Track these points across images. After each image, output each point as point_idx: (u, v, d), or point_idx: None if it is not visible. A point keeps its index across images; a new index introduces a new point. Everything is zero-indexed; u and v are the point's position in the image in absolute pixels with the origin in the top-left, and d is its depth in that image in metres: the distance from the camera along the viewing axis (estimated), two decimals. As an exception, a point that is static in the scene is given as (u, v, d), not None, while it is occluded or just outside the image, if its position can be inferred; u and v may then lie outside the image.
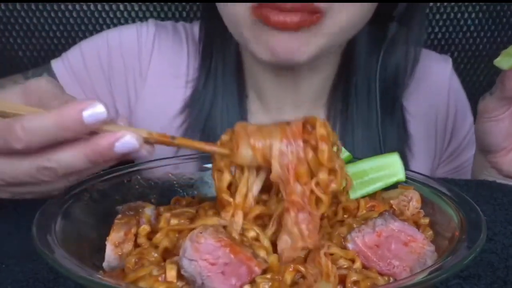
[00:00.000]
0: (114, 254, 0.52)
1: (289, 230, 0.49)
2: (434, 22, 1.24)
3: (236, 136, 0.51)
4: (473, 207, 0.52)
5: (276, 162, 0.49)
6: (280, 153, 0.49)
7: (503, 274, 0.54)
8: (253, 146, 0.50)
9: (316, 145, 0.50)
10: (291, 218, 0.49)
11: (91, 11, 1.17)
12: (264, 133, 0.50)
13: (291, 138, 0.49)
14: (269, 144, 0.49)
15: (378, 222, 0.49)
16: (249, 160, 0.50)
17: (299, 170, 0.49)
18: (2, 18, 1.14)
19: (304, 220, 0.49)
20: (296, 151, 0.49)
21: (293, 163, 0.49)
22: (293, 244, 0.49)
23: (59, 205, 0.53)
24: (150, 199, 0.63)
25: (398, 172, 0.62)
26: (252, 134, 0.50)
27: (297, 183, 0.49)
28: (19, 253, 0.59)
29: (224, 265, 0.44)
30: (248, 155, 0.50)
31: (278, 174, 0.49)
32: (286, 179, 0.49)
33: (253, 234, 0.50)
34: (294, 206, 0.49)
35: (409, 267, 0.47)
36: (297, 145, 0.49)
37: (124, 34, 0.97)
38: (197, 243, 0.44)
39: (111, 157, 0.49)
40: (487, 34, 1.28)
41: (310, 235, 0.49)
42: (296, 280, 0.45)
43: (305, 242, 0.49)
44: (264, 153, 0.50)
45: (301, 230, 0.49)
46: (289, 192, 0.49)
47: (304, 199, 0.49)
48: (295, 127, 0.50)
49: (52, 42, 1.18)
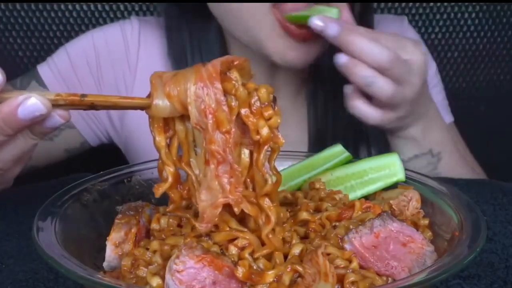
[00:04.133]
0: (114, 254, 0.52)
1: (209, 184, 0.46)
2: (434, 22, 1.24)
3: (151, 88, 0.47)
4: (473, 207, 0.52)
5: (193, 107, 0.46)
6: (196, 97, 0.46)
7: (503, 274, 0.54)
8: (168, 94, 0.46)
9: (234, 89, 0.46)
10: (210, 171, 0.46)
11: (91, 11, 1.17)
12: (179, 78, 0.47)
13: (206, 80, 0.46)
14: (184, 89, 0.46)
15: (376, 223, 0.49)
16: (168, 111, 0.47)
17: (218, 116, 0.46)
18: (2, 18, 1.14)
19: (226, 172, 0.46)
20: (213, 94, 0.46)
21: (211, 107, 0.46)
22: (213, 200, 0.46)
23: (59, 205, 0.53)
24: (150, 199, 0.63)
25: (398, 172, 0.62)
26: (167, 82, 0.47)
27: (217, 131, 0.46)
28: (19, 253, 0.59)
29: (213, 284, 0.43)
30: (165, 105, 0.47)
31: (197, 119, 0.46)
32: (206, 126, 0.46)
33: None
34: (213, 158, 0.46)
35: (408, 267, 0.47)
36: (215, 87, 0.46)
37: (109, 33, 0.97)
38: (178, 273, 0.43)
39: (17, 124, 0.48)
40: (487, 34, 1.29)
41: (232, 189, 0.46)
42: (294, 279, 0.45)
43: (227, 197, 0.46)
44: (180, 100, 0.46)
45: (222, 184, 0.46)
46: (208, 140, 0.46)
47: (225, 149, 0.46)
48: (211, 67, 0.46)
49: (52, 42, 1.18)
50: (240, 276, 0.43)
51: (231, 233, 0.49)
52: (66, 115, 0.50)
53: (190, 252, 0.44)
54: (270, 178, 0.49)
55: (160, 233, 0.53)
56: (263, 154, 0.48)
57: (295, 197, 0.60)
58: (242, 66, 0.48)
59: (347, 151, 0.67)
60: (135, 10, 1.19)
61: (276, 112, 0.48)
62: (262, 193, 0.49)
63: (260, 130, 0.47)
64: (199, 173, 0.49)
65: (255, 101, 0.47)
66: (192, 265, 0.43)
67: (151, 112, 0.48)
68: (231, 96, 0.47)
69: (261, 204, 0.49)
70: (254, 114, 0.47)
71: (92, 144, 1.00)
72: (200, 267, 0.43)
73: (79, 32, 1.17)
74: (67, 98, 0.47)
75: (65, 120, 0.50)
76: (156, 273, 0.46)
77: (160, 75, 0.48)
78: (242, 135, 0.48)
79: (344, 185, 0.63)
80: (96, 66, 0.95)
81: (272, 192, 0.49)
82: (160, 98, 0.47)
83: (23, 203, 0.71)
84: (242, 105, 0.47)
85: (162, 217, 0.54)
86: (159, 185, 0.50)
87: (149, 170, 0.65)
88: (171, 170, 0.49)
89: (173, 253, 0.45)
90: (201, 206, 0.47)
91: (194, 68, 0.47)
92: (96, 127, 0.98)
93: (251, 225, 0.50)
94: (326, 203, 0.56)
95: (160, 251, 0.49)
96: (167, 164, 0.49)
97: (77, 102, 0.47)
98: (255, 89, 0.48)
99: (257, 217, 0.49)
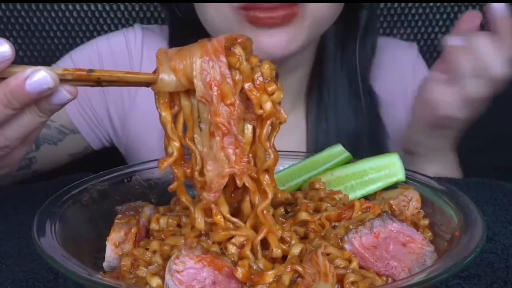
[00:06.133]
0: (114, 254, 0.52)
1: (215, 155, 0.47)
2: (434, 22, 1.24)
3: (157, 63, 0.48)
4: (473, 207, 0.52)
5: (199, 80, 0.47)
6: (201, 70, 0.47)
7: (503, 274, 0.54)
8: (174, 68, 0.47)
9: (238, 63, 0.47)
10: (216, 143, 0.47)
11: (91, 11, 1.17)
12: (185, 53, 0.48)
13: (212, 54, 0.47)
14: (190, 63, 0.47)
15: (376, 223, 0.49)
16: (174, 85, 0.48)
17: (223, 89, 0.47)
18: (2, 18, 1.14)
19: (231, 144, 0.47)
20: (218, 67, 0.47)
21: (216, 80, 0.47)
22: (220, 170, 0.47)
23: (59, 205, 0.53)
24: (150, 199, 0.63)
25: (398, 172, 0.62)
26: (173, 57, 0.48)
27: (221, 103, 0.47)
28: (19, 253, 0.59)
29: (213, 284, 0.43)
30: (171, 79, 0.48)
31: (202, 92, 0.47)
32: (211, 99, 0.47)
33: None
34: (219, 129, 0.47)
35: (408, 267, 0.47)
36: (220, 61, 0.47)
37: (113, 41, 0.98)
38: (178, 273, 0.43)
39: (25, 98, 0.48)
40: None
41: (237, 160, 0.47)
42: (294, 279, 0.45)
43: (232, 168, 0.47)
44: (186, 73, 0.47)
45: (227, 155, 0.47)
46: (213, 112, 0.47)
47: (230, 121, 0.47)
48: (217, 42, 0.47)
49: (52, 42, 1.18)
50: (239, 276, 0.43)
51: (228, 233, 0.49)
52: (73, 90, 0.50)
53: (190, 252, 0.44)
54: (272, 153, 0.50)
55: (160, 233, 0.53)
56: (265, 129, 0.49)
57: (294, 198, 0.60)
58: (245, 45, 0.49)
59: (347, 151, 0.67)
60: (136, 10, 1.19)
61: (278, 88, 0.49)
62: (263, 168, 0.50)
63: (263, 105, 0.49)
64: (202, 148, 0.50)
65: (258, 76, 0.49)
66: (192, 265, 0.43)
67: (157, 87, 0.48)
68: (235, 70, 0.48)
69: (261, 179, 0.50)
70: (257, 89, 0.49)
71: (95, 148, 1.01)
72: (200, 267, 0.43)
73: (79, 32, 1.17)
74: (75, 73, 0.48)
75: (72, 96, 0.50)
76: (156, 273, 0.46)
77: (166, 51, 0.49)
78: (245, 110, 0.49)
79: (344, 185, 0.63)
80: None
81: (271, 168, 0.50)
82: (166, 73, 0.48)
83: (23, 203, 0.71)
84: (245, 79, 0.48)
85: (161, 217, 0.54)
86: (164, 159, 0.50)
87: (149, 170, 0.65)
88: (176, 145, 0.50)
89: (172, 253, 0.45)
90: (208, 176, 0.48)
91: (200, 43, 0.48)
92: (99, 131, 0.99)
93: (245, 208, 0.51)
94: (325, 203, 0.56)
95: (160, 251, 0.49)
96: (173, 139, 0.50)
97: (84, 77, 0.48)
98: (258, 64, 0.49)
99: (255, 193, 0.50)
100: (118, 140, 1.01)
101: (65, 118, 0.95)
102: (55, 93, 0.49)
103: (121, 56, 0.97)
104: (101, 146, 1.02)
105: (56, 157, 0.96)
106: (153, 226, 0.54)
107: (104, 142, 1.01)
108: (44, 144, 0.93)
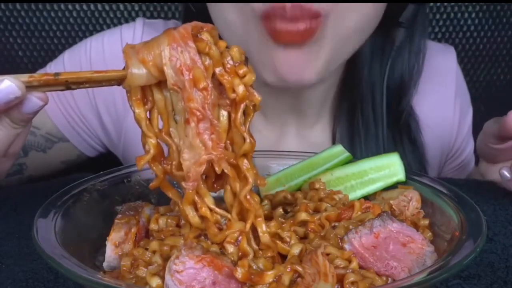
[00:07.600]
0: (114, 254, 0.52)
1: (191, 143, 0.46)
2: (434, 22, 1.24)
3: (125, 58, 0.47)
4: (473, 207, 0.52)
5: (169, 67, 0.46)
6: (171, 57, 0.46)
7: (503, 274, 0.54)
8: (143, 60, 0.46)
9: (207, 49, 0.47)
10: (191, 129, 0.46)
11: (91, 11, 1.17)
12: (152, 44, 0.47)
13: (180, 40, 0.46)
14: (159, 53, 0.46)
15: (376, 223, 0.49)
16: (145, 78, 0.47)
17: (195, 73, 0.46)
18: (2, 18, 1.14)
19: (206, 129, 0.46)
20: (188, 52, 0.46)
21: (187, 65, 0.46)
22: (197, 158, 0.46)
23: (59, 205, 0.53)
24: (150, 199, 0.63)
25: (398, 172, 0.62)
26: (140, 49, 0.47)
27: (194, 88, 0.46)
28: (19, 253, 0.59)
29: (213, 284, 0.43)
30: (142, 72, 0.47)
31: (174, 80, 0.46)
32: (183, 85, 0.46)
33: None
34: (193, 115, 0.46)
35: (408, 267, 0.47)
36: (188, 46, 0.46)
37: (107, 40, 0.93)
38: (178, 273, 0.43)
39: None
40: (487, 34, 1.29)
41: (214, 146, 0.47)
42: (294, 279, 0.45)
43: (210, 154, 0.46)
44: (156, 64, 0.46)
45: (204, 141, 0.46)
46: (187, 98, 0.46)
47: (204, 105, 0.46)
48: (183, 29, 0.47)
49: (52, 42, 1.18)
50: (239, 277, 0.43)
51: (223, 235, 0.48)
52: (43, 96, 0.48)
53: (190, 252, 0.44)
54: (248, 138, 0.49)
55: (159, 233, 0.53)
56: (240, 113, 0.48)
57: (294, 198, 0.60)
58: (212, 34, 0.48)
59: (347, 151, 0.67)
60: (135, 10, 1.19)
61: (249, 70, 0.49)
62: (241, 153, 0.49)
63: (235, 88, 0.48)
64: (179, 141, 0.49)
65: (228, 60, 0.48)
66: (191, 266, 0.43)
67: (127, 82, 0.48)
68: (204, 56, 0.47)
69: (240, 165, 0.49)
70: (228, 73, 0.48)
71: (89, 155, 0.98)
72: (199, 268, 0.43)
73: (79, 32, 1.17)
74: (41, 78, 0.47)
75: (43, 102, 0.48)
76: (156, 274, 0.46)
77: (132, 46, 0.48)
78: (219, 96, 0.48)
79: (344, 185, 0.63)
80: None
81: (248, 153, 0.50)
82: (135, 66, 0.47)
83: (23, 203, 0.71)
84: (216, 64, 0.48)
85: (160, 217, 0.54)
86: (141, 157, 0.50)
87: (149, 170, 0.65)
88: (152, 142, 0.49)
89: (172, 254, 0.45)
90: (185, 165, 0.47)
91: (165, 32, 0.47)
92: (90, 138, 0.95)
93: (228, 198, 0.50)
94: (325, 204, 0.56)
95: (160, 252, 0.49)
96: (149, 136, 0.49)
97: (51, 82, 0.47)
98: (227, 47, 0.49)
99: (235, 179, 0.49)
100: (114, 146, 0.97)
101: (50, 126, 0.91)
102: (24, 102, 0.48)
103: (113, 55, 0.91)
104: (95, 152, 0.98)
105: (47, 165, 0.93)
106: (152, 226, 0.54)
107: (99, 148, 0.97)
108: (32, 151, 0.90)
